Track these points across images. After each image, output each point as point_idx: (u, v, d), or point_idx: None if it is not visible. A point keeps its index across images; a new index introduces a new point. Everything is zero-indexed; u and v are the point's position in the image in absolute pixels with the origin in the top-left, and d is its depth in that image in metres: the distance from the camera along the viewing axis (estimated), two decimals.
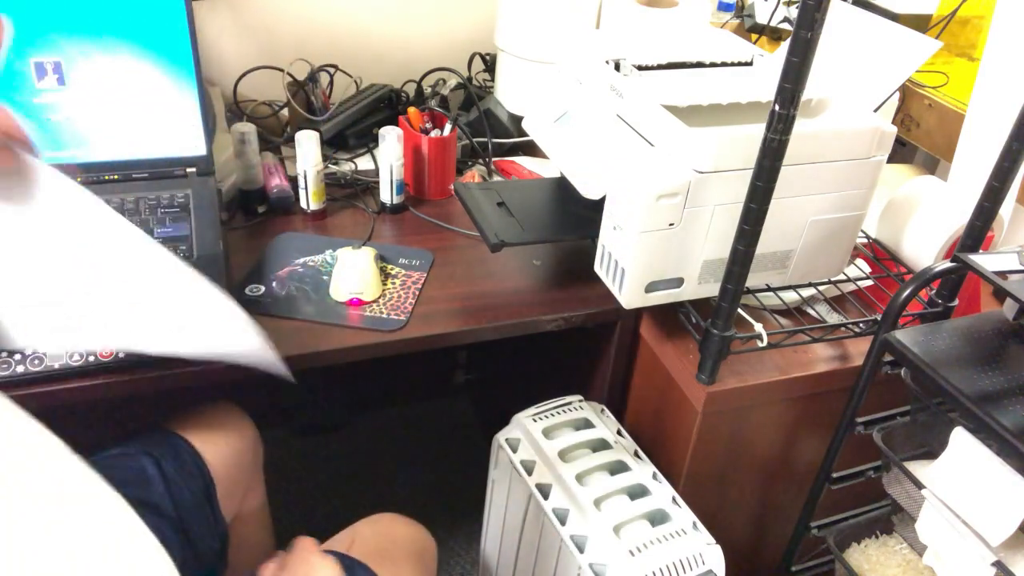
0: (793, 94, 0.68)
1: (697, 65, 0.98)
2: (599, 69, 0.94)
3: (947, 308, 0.93)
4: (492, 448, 0.99)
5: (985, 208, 0.85)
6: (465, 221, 1.06)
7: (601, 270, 0.92)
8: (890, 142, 0.89)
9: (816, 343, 0.95)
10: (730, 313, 0.83)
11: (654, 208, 0.81)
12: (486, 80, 1.47)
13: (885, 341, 0.79)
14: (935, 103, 1.23)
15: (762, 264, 0.91)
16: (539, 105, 1.01)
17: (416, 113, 1.21)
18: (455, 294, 1.00)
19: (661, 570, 0.81)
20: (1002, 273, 0.71)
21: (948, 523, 0.74)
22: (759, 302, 0.97)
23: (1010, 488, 0.68)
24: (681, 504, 0.89)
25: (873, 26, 1.11)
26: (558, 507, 0.87)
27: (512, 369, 1.54)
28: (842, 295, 1.03)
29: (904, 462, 0.81)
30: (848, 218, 0.92)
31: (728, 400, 0.91)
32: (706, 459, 0.97)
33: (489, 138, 1.30)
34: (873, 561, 0.97)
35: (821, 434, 0.99)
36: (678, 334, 0.96)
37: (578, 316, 0.98)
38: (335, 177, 1.21)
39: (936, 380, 0.73)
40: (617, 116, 0.91)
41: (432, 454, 1.66)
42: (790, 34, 0.67)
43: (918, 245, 1.01)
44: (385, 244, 1.08)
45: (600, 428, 0.97)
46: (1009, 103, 0.92)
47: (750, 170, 0.74)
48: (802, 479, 0.99)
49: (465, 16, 1.45)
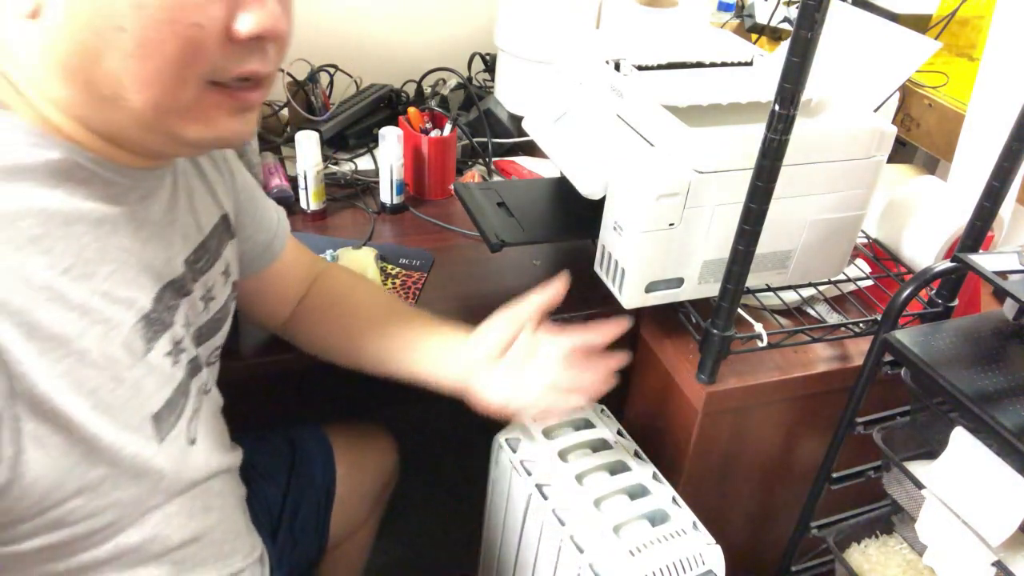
0: (793, 94, 0.68)
1: (697, 65, 0.98)
2: (599, 69, 0.94)
3: (947, 308, 0.93)
4: (492, 448, 0.99)
5: (985, 208, 0.85)
6: (465, 221, 1.06)
7: (601, 270, 0.92)
8: (890, 142, 0.89)
9: (816, 343, 0.95)
10: (730, 313, 0.83)
11: (654, 208, 0.81)
12: (486, 80, 1.47)
13: (885, 341, 0.79)
14: (935, 103, 1.23)
15: (762, 264, 0.91)
16: (539, 105, 1.01)
17: (416, 113, 1.21)
18: (455, 294, 1.00)
19: (661, 570, 0.81)
20: (1002, 273, 0.71)
21: (948, 523, 0.74)
22: (759, 302, 0.97)
23: (1010, 488, 0.68)
24: (681, 504, 0.89)
25: (873, 26, 1.11)
26: (558, 507, 0.87)
27: None
28: (842, 295, 1.03)
29: (904, 462, 0.81)
30: (848, 218, 0.92)
31: (728, 400, 0.90)
32: (706, 459, 0.96)
33: (489, 138, 1.30)
34: (873, 561, 0.97)
35: (821, 434, 0.99)
36: (678, 334, 0.96)
37: (578, 316, 0.98)
38: (335, 177, 1.21)
39: (936, 380, 0.73)
40: (617, 116, 0.91)
41: (432, 454, 1.66)
42: (790, 34, 0.67)
43: (918, 245, 1.01)
44: (385, 244, 1.08)
45: (600, 428, 0.97)
46: (1009, 103, 0.92)
47: (750, 170, 0.74)
48: (802, 479, 0.99)
49: (465, 16, 1.45)
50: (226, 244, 0.69)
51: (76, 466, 0.50)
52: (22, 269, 0.46)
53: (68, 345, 0.48)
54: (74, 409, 0.49)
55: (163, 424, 0.57)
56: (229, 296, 0.71)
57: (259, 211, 0.77)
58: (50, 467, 0.49)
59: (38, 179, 0.48)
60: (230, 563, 0.69)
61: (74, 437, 0.49)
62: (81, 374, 0.49)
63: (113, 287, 0.52)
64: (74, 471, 0.50)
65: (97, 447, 0.51)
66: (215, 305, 0.67)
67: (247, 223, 0.75)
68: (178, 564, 0.62)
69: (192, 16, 0.47)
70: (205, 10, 0.47)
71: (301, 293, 0.85)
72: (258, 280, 0.80)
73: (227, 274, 0.70)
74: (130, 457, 0.53)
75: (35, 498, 0.49)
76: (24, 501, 0.48)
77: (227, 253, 0.69)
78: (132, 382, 0.53)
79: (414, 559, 1.44)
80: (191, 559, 0.63)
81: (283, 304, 0.84)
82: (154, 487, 0.57)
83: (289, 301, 0.84)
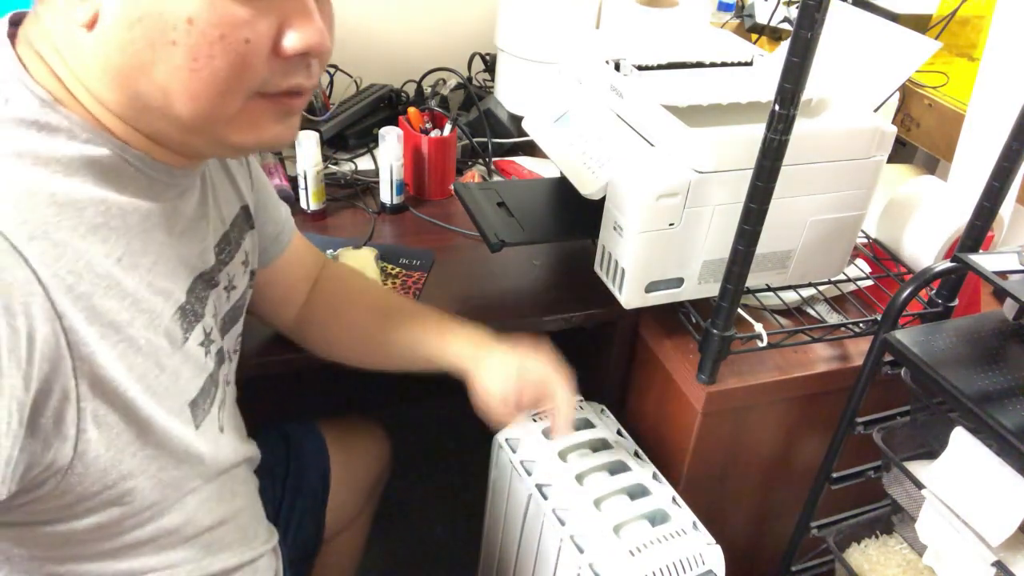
0: (793, 94, 0.68)
1: (697, 65, 0.98)
2: (599, 69, 0.94)
3: (947, 308, 0.93)
4: (492, 448, 0.99)
5: (985, 208, 0.85)
6: (465, 221, 1.06)
7: (601, 270, 0.92)
8: (890, 142, 0.89)
9: (816, 343, 0.95)
10: (730, 313, 0.83)
11: (654, 208, 0.81)
12: (486, 80, 1.47)
13: (885, 341, 0.79)
14: (935, 103, 1.23)
15: (762, 264, 0.91)
16: (539, 105, 1.01)
17: (416, 113, 1.21)
18: (455, 294, 1.00)
19: (661, 570, 0.81)
20: (1002, 273, 0.71)
21: (948, 523, 0.74)
22: (759, 302, 0.97)
23: (1010, 488, 0.68)
24: (681, 504, 0.89)
25: (873, 26, 1.11)
26: (558, 507, 0.87)
27: None
28: (842, 295, 1.03)
29: (904, 462, 0.81)
30: (848, 218, 0.92)
31: (728, 400, 0.90)
32: (706, 459, 0.96)
33: (489, 138, 1.30)
34: (873, 561, 0.97)
35: (821, 434, 0.99)
36: (678, 334, 0.96)
37: (578, 316, 0.98)
38: (335, 177, 1.21)
39: (936, 380, 0.73)
40: (617, 116, 0.91)
41: (432, 454, 1.66)
42: (790, 34, 0.67)
43: (918, 245, 1.01)
44: (385, 244, 1.08)
45: (600, 428, 0.97)
46: (1009, 103, 0.92)
47: (750, 170, 0.74)
48: (802, 479, 0.99)
49: (465, 16, 1.45)
50: (246, 234, 0.72)
51: (130, 445, 0.53)
52: (87, 255, 0.49)
53: (121, 331, 0.51)
54: (131, 392, 0.52)
55: (198, 411, 0.60)
56: (247, 285, 0.74)
57: (269, 203, 0.79)
58: (108, 445, 0.52)
59: (94, 173, 0.51)
60: (252, 547, 0.73)
61: (129, 417, 0.53)
62: (132, 360, 0.52)
63: (155, 278, 0.55)
64: (127, 450, 0.53)
65: (149, 428, 0.54)
66: (235, 295, 0.70)
67: (259, 214, 0.77)
68: (206, 547, 0.66)
69: (242, 32, 0.49)
70: (254, 27, 0.49)
71: (307, 288, 0.86)
72: (265, 273, 0.81)
73: (246, 263, 0.73)
74: (176, 439, 0.57)
75: (96, 476, 0.52)
76: (87, 479, 0.51)
77: (246, 243, 0.72)
78: (172, 369, 0.56)
79: (414, 559, 1.44)
80: (218, 542, 0.67)
81: (290, 298, 0.85)
82: (193, 471, 0.61)
83: (296, 295, 0.85)
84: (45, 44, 0.50)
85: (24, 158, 0.48)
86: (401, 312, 0.84)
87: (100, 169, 0.51)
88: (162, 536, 0.61)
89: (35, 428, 0.47)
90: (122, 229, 0.52)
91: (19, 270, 0.45)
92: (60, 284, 0.47)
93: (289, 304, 0.85)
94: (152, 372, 0.54)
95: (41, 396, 0.47)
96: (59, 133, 0.50)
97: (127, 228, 0.52)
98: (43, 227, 0.47)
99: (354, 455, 1.02)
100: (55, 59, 0.50)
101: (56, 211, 0.48)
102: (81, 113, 0.51)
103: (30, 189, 0.47)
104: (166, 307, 0.56)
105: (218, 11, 0.47)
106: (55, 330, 0.47)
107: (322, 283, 0.87)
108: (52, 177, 0.48)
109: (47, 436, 0.48)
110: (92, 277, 0.49)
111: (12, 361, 0.44)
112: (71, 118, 0.50)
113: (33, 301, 0.45)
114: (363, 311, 0.85)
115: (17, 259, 0.45)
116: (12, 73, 0.50)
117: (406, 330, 0.82)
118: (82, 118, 0.51)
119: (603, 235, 0.89)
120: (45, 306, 0.46)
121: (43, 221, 0.47)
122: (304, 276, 0.86)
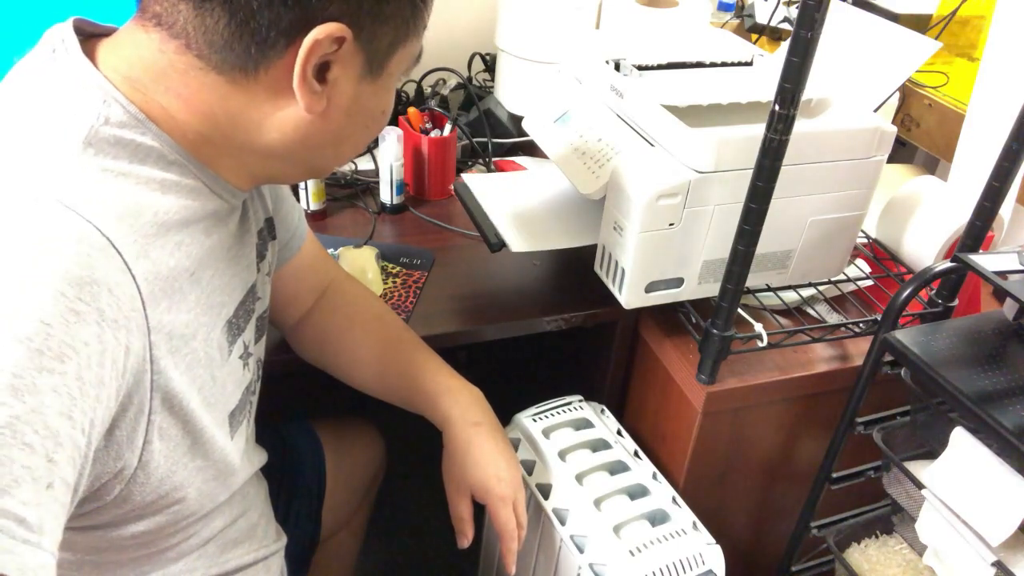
0: (793, 94, 0.68)
1: (697, 65, 0.98)
2: (599, 69, 0.94)
3: (947, 308, 0.93)
4: None
5: (985, 208, 0.85)
6: (465, 221, 1.06)
7: (601, 270, 0.92)
8: (890, 142, 0.89)
9: (816, 343, 0.95)
10: (730, 313, 0.83)
11: (654, 208, 0.81)
12: (486, 80, 1.47)
13: (885, 341, 0.79)
14: (935, 103, 1.23)
15: (762, 264, 0.91)
16: (539, 105, 1.01)
17: (416, 113, 1.21)
18: (455, 294, 1.00)
19: (661, 570, 0.81)
20: (1002, 273, 0.71)
21: (948, 523, 0.74)
22: (759, 302, 0.97)
23: (1010, 488, 0.68)
24: (681, 504, 0.89)
25: (873, 26, 1.11)
26: (558, 507, 0.87)
27: (512, 369, 1.54)
28: (842, 295, 1.03)
29: (904, 462, 0.81)
30: (848, 218, 0.92)
31: (728, 400, 0.90)
32: (706, 459, 0.96)
33: (489, 138, 1.30)
34: (873, 561, 0.97)
35: (821, 434, 0.99)
36: (678, 334, 0.96)
37: (578, 316, 0.98)
38: (335, 177, 1.21)
39: (936, 380, 0.73)
40: (617, 116, 0.91)
41: (432, 454, 1.66)
42: (790, 34, 0.67)
43: (918, 245, 1.01)
44: (386, 244, 1.08)
45: (600, 428, 0.97)
46: (1009, 103, 0.92)
47: (750, 170, 0.74)
48: (802, 479, 0.99)
49: (465, 16, 1.45)
50: (268, 244, 0.73)
51: (184, 456, 0.56)
52: (173, 271, 0.52)
53: (188, 344, 0.54)
54: (192, 403, 0.55)
55: (235, 422, 0.63)
56: (269, 295, 0.75)
57: (285, 208, 0.80)
58: (166, 456, 0.54)
59: (179, 192, 0.54)
60: (264, 544, 0.75)
61: (187, 428, 0.55)
62: (195, 372, 0.55)
63: (212, 292, 0.58)
64: (181, 461, 0.56)
65: (200, 439, 0.57)
66: (261, 305, 0.71)
67: (276, 222, 0.78)
68: (221, 544, 0.68)
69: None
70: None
71: (313, 298, 0.87)
72: (274, 277, 0.81)
73: (269, 274, 0.74)
74: (219, 450, 0.59)
75: (153, 485, 0.54)
76: (146, 488, 0.53)
77: (269, 254, 0.73)
78: (221, 381, 0.59)
79: (414, 559, 1.44)
80: (232, 539, 0.69)
81: (293, 304, 0.85)
82: (226, 482, 0.63)
83: (299, 303, 0.86)
84: (146, 74, 0.51)
85: (129, 177, 0.50)
86: (405, 351, 0.85)
87: (185, 188, 0.54)
88: (189, 541, 0.64)
89: (111, 438, 0.49)
90: (195, 245, 0.55)
91: (129, 287, 0.47)
92: (153, 300, 0.50)
93: (291, 309, 0.85)
94: (208, 384, 0.57)
95: (121, 408, 0.48)
96: (152, 152, 0.52)
97: (199, 245, 0.55)
98: (146, 245, 0.49)
99: (349, 455, 1.03)
100: (153, 86, 0.51)
101: (155, 229, 0.50)
102: (169, 131, 0.53)
103: (138, 207, 0.50)
104: (218, 320, 0.59)
105: (391, 101, 0.60)
106: (144, 345, 0.49)
107: (334, 298, 0.87)
108: (151, 195, 0.51)
109: (119, 446, 0.50)
110: (173, 292, 0.52)
111: (113, 374, 0.46)
112: (161, 137, 0.52)
113: (134, 316, 0.48)
114: (372, 340, 0.86)
115: (128, 276, 0.47)
116: (107, 91, 0.50)
117: (404, 372, 0.84)
118: (170, 137, 0.53)
119: (603, 235, 0.89)
120: (141, 322, 0.48)
121: (146, 239, 0.49)
122: (312, 286, 0.86)
